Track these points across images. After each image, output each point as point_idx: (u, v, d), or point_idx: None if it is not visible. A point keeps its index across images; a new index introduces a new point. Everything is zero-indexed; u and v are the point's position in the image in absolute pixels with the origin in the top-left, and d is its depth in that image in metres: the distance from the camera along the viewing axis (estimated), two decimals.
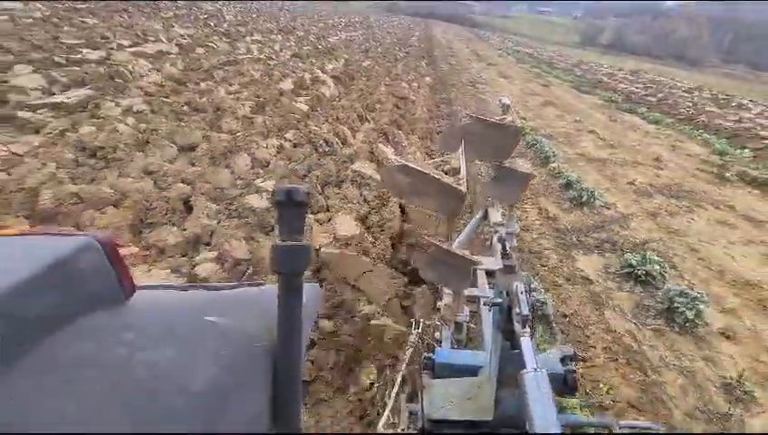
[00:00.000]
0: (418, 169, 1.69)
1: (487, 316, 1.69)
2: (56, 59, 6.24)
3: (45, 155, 3.56)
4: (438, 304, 2.01)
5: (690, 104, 13.68)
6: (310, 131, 5.13)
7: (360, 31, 21.72)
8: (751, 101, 18.55)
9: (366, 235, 2.94)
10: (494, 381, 1.32)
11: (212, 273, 2.40)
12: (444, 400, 1.50)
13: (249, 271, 2.60)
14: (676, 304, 2.76)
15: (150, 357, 0.41)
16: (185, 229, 2.84)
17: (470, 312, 2.03)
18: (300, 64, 9.74)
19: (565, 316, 2.78)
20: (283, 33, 15.14)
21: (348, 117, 6.03)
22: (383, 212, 3.40)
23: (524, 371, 0.98)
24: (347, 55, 12.31)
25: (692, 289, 3.01)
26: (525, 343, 1.07)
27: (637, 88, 16.62)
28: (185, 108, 5.36)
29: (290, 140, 4.92)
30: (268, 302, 0.49)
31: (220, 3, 22.42)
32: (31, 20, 9.03)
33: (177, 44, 9.00)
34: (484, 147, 2.14)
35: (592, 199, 4.55)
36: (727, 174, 6.37)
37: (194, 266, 2.43)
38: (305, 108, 6.20)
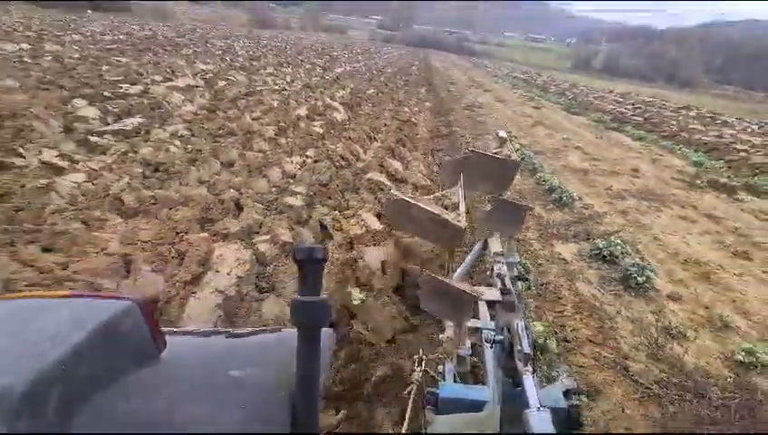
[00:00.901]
0: (419, 205, 1.79)
1: (489, 351, 1.70)
2: (105, 93, 7.26)
3: (119, 170, 4.42)
4: (441, 336, 2.04)
5: (675, 122, 14.68)
6: (327, 149, 6.02)
7: (362, 62, 23.26)
8: (737, 118, 19.62)
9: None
10: (498, 417, 1.33)
11: (268, 248, 3.19)
12: None
13: (288, 249, 3.38)
14: (629, 272, 3.51)
15: (187, 412, 0.47)
16: (240, 221, 3.64)
17: (473, 344, 1.98)
18: (311, 93, 10.83)
19: (542, 285, 3.52)
20: (293, 66, 16.47)
21: (358, 137, 6.95)
22: None
23: (528, 410, 1.00)
24: (352, 85, 13.49)
25: (643, 262, 3.76)
26: (528, 381, 1.08)
27: (625, 109, 17.71)
28: (220, 132, 6.28)
29: (311, 157, 5.79)
30: (286, 348, 0.53)
31: (231, 39, 24.24)
32: (72, 60, 10.22)
33: (202, 79, 10.12)
34: (484, 180, 2.28)
35: (572, 201, 5.34)
36: (698, 181, 7.18)
37: (254, 244, 3.21)
38: (321, 130, 7.14)
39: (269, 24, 47.96)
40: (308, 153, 5.91)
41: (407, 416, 1.60)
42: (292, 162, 5.48)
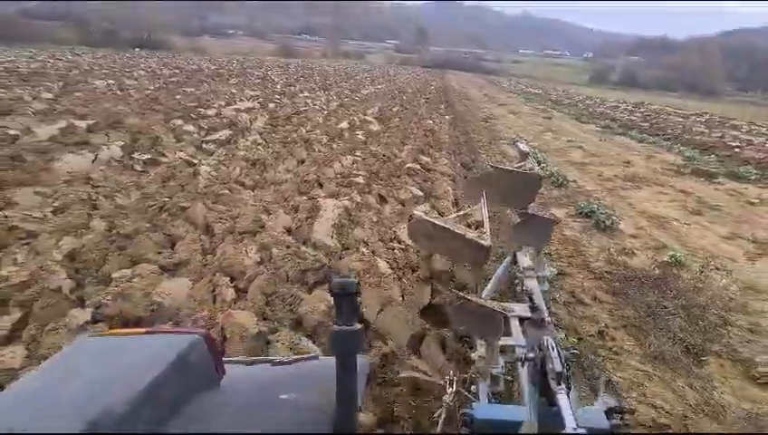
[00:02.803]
0: (442, 225, 1.81)
1: (523, 369, 1.70)
2: (191, 115, 9.35)
3: (230, 164, 6.28)
4: (472, 355, 2.01)
5: (680, 127, 15.95)
6: (371, 150, 7.80)
7: (383, 84, 25.55)
8: (748, 122, 20.52)
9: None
10: None
11: (349, 204, 4.88)
12: None
13: (361, 206, 5.06)
14: (599, 218, 5.03)
15: (244, 432, 0.57)
16: (324, 191, 5.38)
17: (506, 363, 2.00)
18: (346, 112, 12.81)
19: None
20: (324, 90, 18.74)
21: (393, 142, 8.73)
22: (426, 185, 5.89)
23: (564, 431, 1.02)
24: (379, 104, 15.48)
25: (612, 214, 5.27)
26: (562, 400, 1.09)
27: (635, 117, 19.03)
28: (286, 140, 8.18)
29: (360, 156, 7.56)
30: (324, 374, 0.62)
31: (264, 68, 27.11)
32: (150, 91, 12.59)
33: (257, 102, 12.27)
34: (507, 195, 2.31)
35: (567, 183, 6.89)
36: (683, 169, 8.56)
37: (340, 200, 4.92)
38: (363, 138, 8.96)
39: (292, 52, 51.87)
40: (357, 154, 7.69)
41: None
42: (346, 159, 7.26)
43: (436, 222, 1.84)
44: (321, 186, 5.72)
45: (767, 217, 5.87)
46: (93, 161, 5.79)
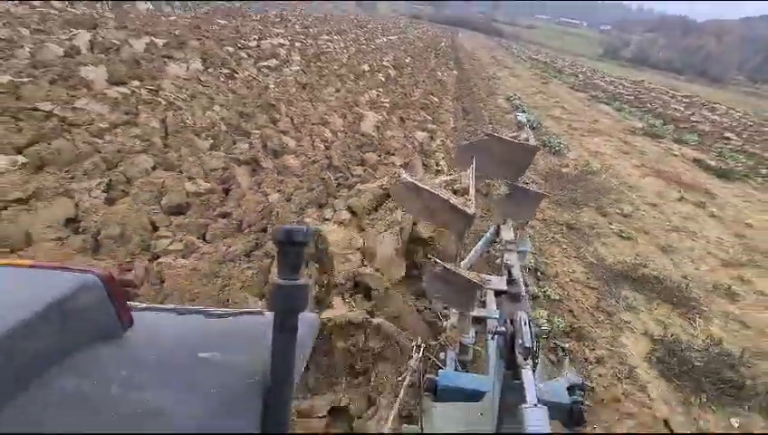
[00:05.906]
0: (428, 189, 1.85)
1: (492, 341, 1.75)
2: (238, 45, 11.28)
3: (286, 85, 8.44)
4: (444, 323, 2.12)
5: (661, 103, 18.23)
6: (390, 89, 9.98)
7: (395, 36, 26.93)
8: (731, 108, 22.84)
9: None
10: (497, 409, 1.38)
11: (381, 117, 7.19)
12: (444, 424, 1.56)
13: (388, 121, 7.39)
14: (552, 146, 7.48)
15: (143, 397, 0.45)
16: (362, 108, 7.65)
17: (476, 333, 2.03)
18: (364, 57, 14.72)
19: None
20: (340, 35, 20.31)
21: (408, 84, 10.90)
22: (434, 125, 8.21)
23: (524, 405, 1.06)
24: (393, 54, 17.31)
25: (562, 145, 7.72)
26: (526, 375, 1.14)
27: (626, 91, 21.17)
28: (322, 73, 10.28)
29: (382, 91, 9.76)
30: (264, 332, 0.53)
31: (280, 8, 28.04)
32: (188, 20, 14.27)
33: (286, 39, 14.10)
34: (499, 165, 2.38)
35: (540, 126, 9.28)
36: (638, 131, 10.99)
37: (375, 114, 7.23)
38: (383, 79, 11.09)
39: None
40: (379, 90, 9.89)
41: (396, 405, 1.68)
42: (372, 92, 9.47)
43: (422, 185, 1.88)
44: (357, 105, 7.99)
45: (674, 161, 8.41)
46: (187, 70, 7.92)
